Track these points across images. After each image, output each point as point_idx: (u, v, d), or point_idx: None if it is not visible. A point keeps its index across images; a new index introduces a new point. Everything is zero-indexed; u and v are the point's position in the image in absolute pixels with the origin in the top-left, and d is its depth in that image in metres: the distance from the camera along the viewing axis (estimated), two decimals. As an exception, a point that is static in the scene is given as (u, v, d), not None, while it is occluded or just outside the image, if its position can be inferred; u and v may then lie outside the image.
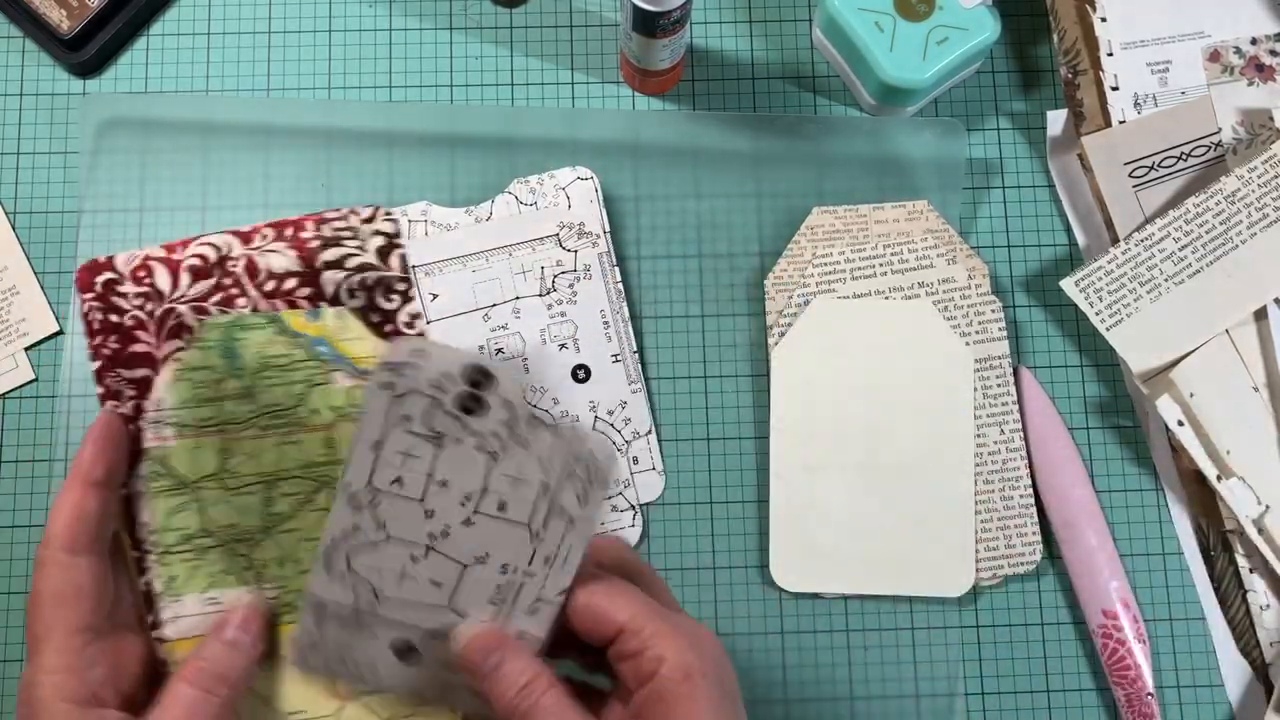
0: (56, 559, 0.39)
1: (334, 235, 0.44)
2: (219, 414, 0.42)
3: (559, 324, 0.58)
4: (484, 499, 0.39)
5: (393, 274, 0.45)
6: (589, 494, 0.39)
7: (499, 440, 0.38)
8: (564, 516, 0.39)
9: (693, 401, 0.58)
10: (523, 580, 0.39)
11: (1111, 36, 0.60)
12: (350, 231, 0.45)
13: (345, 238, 0.45)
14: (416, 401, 0.37)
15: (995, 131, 0.61)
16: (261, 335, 0.42)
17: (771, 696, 0.56)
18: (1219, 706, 0.56)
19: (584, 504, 0.39)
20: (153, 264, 0.44)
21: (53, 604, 0.39)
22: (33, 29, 0.60)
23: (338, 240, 0.45)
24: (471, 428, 0.38)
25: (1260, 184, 0.56)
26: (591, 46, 0.62)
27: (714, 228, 0.60)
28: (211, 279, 0.43)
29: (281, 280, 0.44)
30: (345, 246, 0.45)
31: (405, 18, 0.62)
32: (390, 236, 0.45)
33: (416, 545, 0.39)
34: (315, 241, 0.44)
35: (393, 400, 0.37)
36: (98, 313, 0.44)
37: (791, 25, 0.62)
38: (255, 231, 0.44)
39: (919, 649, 0.56)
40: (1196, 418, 0.55)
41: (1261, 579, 0.56)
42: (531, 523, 0.39)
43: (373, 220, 0.45)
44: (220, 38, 0.62)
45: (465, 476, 0.38)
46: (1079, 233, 0.60)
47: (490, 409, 0.38)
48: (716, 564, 0.57)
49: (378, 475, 0.38)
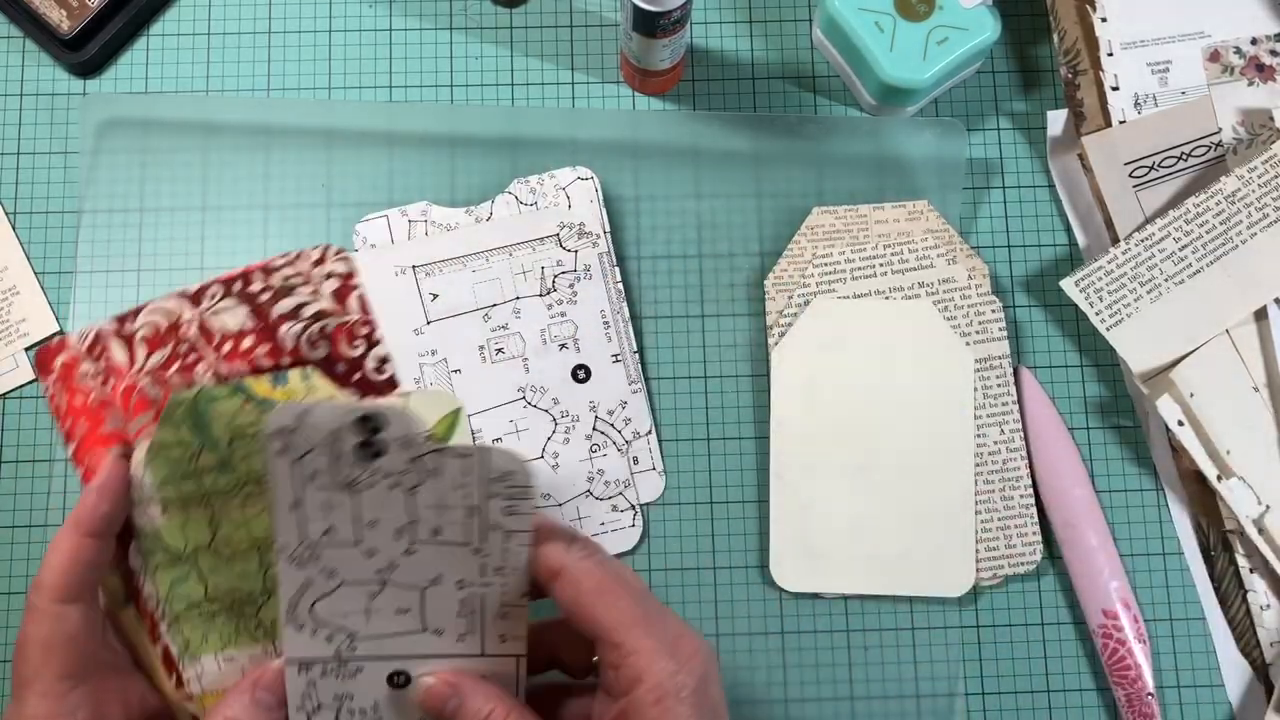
0: (48, 608, 0.39)
1: (285, 284, 0.41)
2: (201, 487, 0.41)
3: (559, 324, 0.58)
4: (416, 529, 0.39)
5: (353, 318, 0.42)
6: (516, 505, 0.39)
7: (410, 476, 0.38)
8: (499, 530, 0.39)
9: (693, 401, 0.58)
10: (482, 591, 0.40)
11: (1111, 36, 0.60)
12: (301, 277, 0.41)
13: (297, 284, 0.41)
14: (317, 458, 0.37)
15: (995, 131, 0.61)
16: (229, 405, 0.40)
17: (771, 696, 0.56)
18: (1219, 706, 0.56)
19: (515, 514, 0.39)
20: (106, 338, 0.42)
21: (41, 651, 0.39)
22: (33, 29, 0.60)
23: (289, 289, 0.41)
24: (381, 470, 0.38)
25: (1260, 184, 0.56)
26: (591, 46, 0.62)
27: (714, 228, 0.60)
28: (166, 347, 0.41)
29: (238, 340, 0.41)
30: (298, 295, 0.41)
31: (405, 18, 0.62)
32: (344, 277, 0.42)
33: (370, 582, 0.40)
34: (266, 294, 0.41)
35: (292, 464, 0.37)
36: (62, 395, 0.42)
37: (791, 25, 0.62)
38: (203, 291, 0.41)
39: (919, 649, 0.56)
40: (1196, 418, 0.55)
41: (1261, 579, 0.56)
42: (469, 541, 0.39)
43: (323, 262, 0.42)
44: (220, 38, 0.62)
45: (391, 513, 0.39)
46: (1079, 233, 0.60)
47: (390, 450, 0.38)
48: (717, 564, 0.57)
49: (309, 530, 0.39)
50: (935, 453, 0.56)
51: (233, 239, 0.59)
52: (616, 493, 0.57)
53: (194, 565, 0.42)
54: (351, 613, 0.40)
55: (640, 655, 0.37)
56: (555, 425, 0.57)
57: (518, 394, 0.57)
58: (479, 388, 0.57)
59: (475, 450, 0.38)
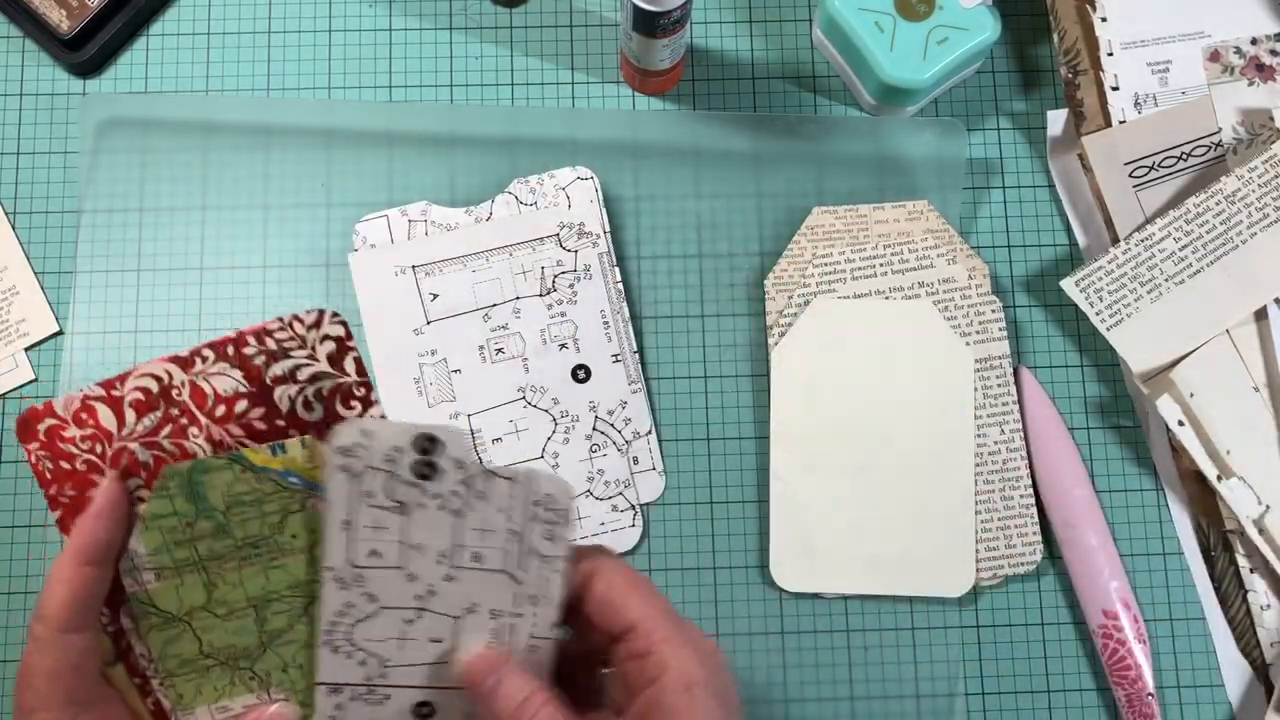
0: (53, 639, 0.39)
1: (280, 348, 0.41)
2: (196, 553, 0.41)
3: (559, 324, 0.58)
4: (458, 554, 0.40)
5: (349, 379, 0.42)
6: (555, 531, 0.40)
7: (459, 498, 0.39)
8: (537, 555, 0.40)
9: (693, 401, 0.58)
10: (513, 621, 0.41)
11: (1111, 36, 0.60)
12: (296, 340, 0.41)
13: (292, 348, 0.41)
14: (374, 477, 0.39)
15: (995, 131, 0.61)
16: (225, 476, 0.40)
17: (771, 697, 0.56)
18: (1219, 706, 0.56)
19: (554, 541, 0.40)
20: (93, 404, 0.41)
21: (47, 680, 0.39)
22: (33, 29, 0.60)
23: (285, 352, 0.41)
24: (431, 491, 0.39)
25: (1260, 184, 0.56)
26: (591, 46, 0.62)
27: (714, 228, 0.60)
28: (158, 411, 0.41)
29: (231, 403, 0.41)
30: (294, 357, 0.41)
31: (405, 18, 0.62)
32: (340, 340, 0.41)
33: (407, 609, 0.41)
34: (261, 357, 0.41)
35: (351, 480, 0.39)
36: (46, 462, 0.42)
37: (791, 25, 0.62)
38: (195, 355, 0.41)
39: (919, 649, 0.56)
40: (1196, 418, 0.55)
41: (1261, 579, 0.56)
42: (507, 568, 0.40)
43: (319, 325, 0.41)
44: (220, 38, 0.62)
45: (436, 537, 0.40)
46: (1079, 233, 0.60)
47: (444, 471, 0.39)
48: (717, 564, 0.57)
49: (354, 552, 0.39)
50: (935, 453, 0.56)
51: (233, 239, 0.59)
52: (616, 493, 0.57)
53: (188, 625, 0.42)
54: (387, 639, 0.41)
55: (670, 645, 0.38)
56: (555, 425, 0.57)
57: (518, 394, 0.57)
58: (479, 388, 0.57)
59: (522, 473, 0.40)
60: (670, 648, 0.39)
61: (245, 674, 0.43)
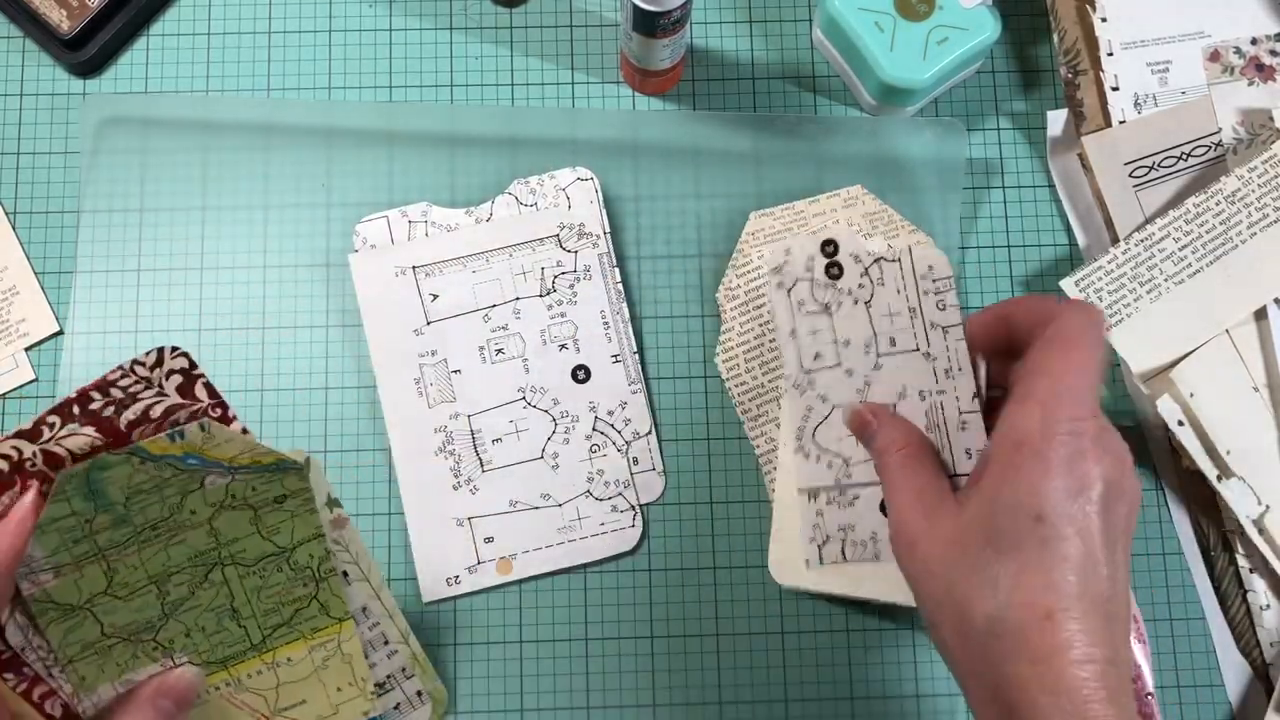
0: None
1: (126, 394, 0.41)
2: (96, 545, 0.42)
3: (559, 324, 0.58)
4: (878, 342, 0.47)
5: (203, 404, 0.42)
6: (945, 300, 0.46)
7: (864, 289, 0.46)
8: (937, 328, 0.46)
9: (693, 401, 0.58)
10: (940, 399, 0.46)
11: (1111, 36, 0.60)
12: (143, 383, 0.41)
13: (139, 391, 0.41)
14: (802, 288, 0.46)
15: (995, 131, 0.61)
16: (124, 470, 0.40)
17: (771, 697, 0.56)
18: (1219, 706, 0.56)
19: (945, 309, 0.46)
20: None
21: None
22: (33, 29, 0.60)
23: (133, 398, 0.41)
24: (842, 289, 0.46)
25: (1260, 184, 0.56)
26: (591, 46, 0.62)
27: (714, 228, 0.60)
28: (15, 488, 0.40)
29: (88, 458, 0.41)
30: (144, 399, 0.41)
31: (405, 18, 0.62)
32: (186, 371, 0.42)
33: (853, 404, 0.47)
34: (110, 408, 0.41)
35: (786, 294, 0.47)
36: None
37: (791, 25, 0.62)
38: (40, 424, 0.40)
39: (919, 649, 0.56)
40: (1196, 418, 0.55)
41: (1261, 579, 0.56)
42: (919, 345, 0.46)
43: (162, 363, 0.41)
44: (220, 38, 0.62)
45: (857, 330, 0.47)
46: (1079, 233, 0.60)
47: (846, 268, 0.46)
48: (717, 564, 0.57)
49: (804, 358, 0.47)
50: None
51: (233, 239, 0.59)
52: (616, 493, 0.57)
53: (89, 612, 0.42)
54: (844, 437, 0.48)
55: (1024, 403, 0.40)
56: (555, 425, 0.57)
57: (518, 394, 0.57)
58: (479, 388, 0.57)
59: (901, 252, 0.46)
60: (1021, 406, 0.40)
61: (148, 645, 0.44)
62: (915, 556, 0.42)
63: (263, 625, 0.46)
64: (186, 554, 0.43)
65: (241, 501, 0.44)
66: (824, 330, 0.47)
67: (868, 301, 0.46)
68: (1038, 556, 0.39)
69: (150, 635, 0.44)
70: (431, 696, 0.52)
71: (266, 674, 0.46)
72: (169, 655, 0.44)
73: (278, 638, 0.46)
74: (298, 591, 0.46)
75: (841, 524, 0.48)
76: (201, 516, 0.43)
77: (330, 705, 0.48)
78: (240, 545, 0.44)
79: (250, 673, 0.46)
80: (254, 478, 0.44)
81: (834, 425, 0.47)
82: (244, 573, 0.45)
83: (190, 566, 0.44)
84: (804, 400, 0.47)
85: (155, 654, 0.44)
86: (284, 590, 0.46)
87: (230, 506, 0.44)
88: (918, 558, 0.42)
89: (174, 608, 0.44)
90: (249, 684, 0.46)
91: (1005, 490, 0.40)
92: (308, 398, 0.58)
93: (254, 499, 0.44)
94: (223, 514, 0.43)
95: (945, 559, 0.41)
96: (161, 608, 0.44)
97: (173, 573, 0.43)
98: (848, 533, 0.48)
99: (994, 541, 0.39)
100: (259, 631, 0.46)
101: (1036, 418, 0.39)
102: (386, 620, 0.52)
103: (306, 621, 0.47)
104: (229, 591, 0.45)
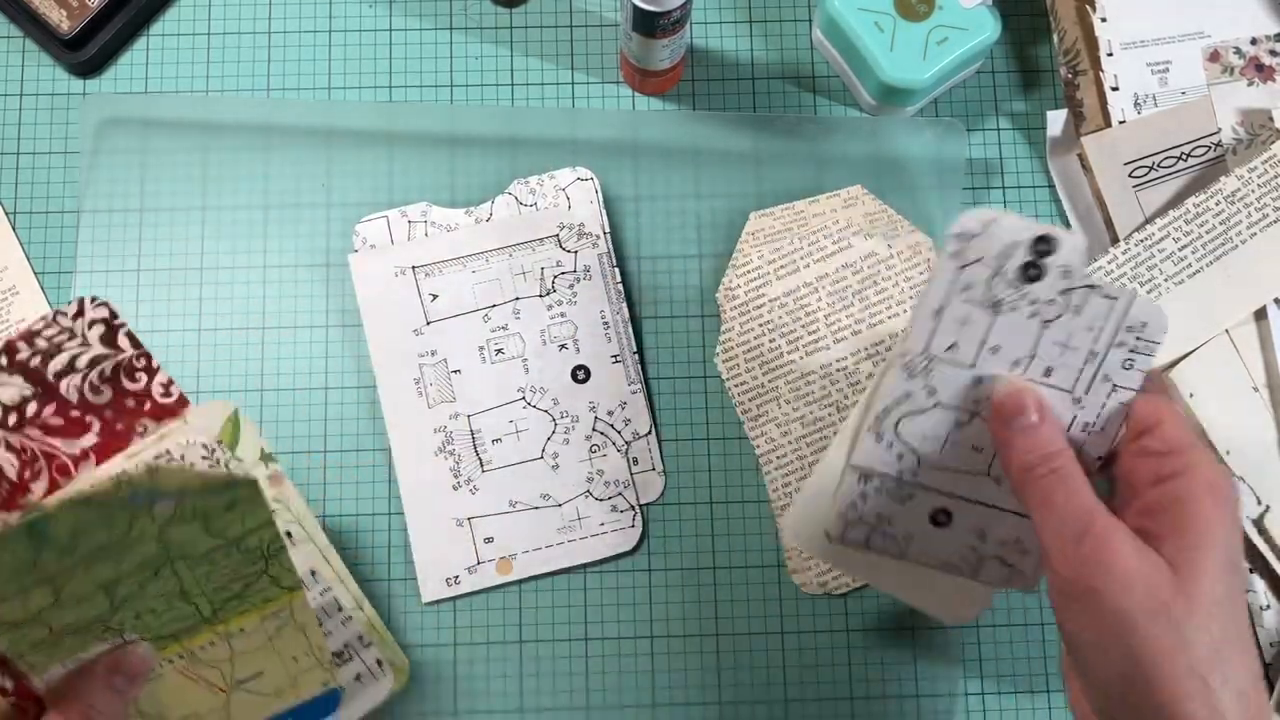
0: None
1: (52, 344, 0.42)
2: (44, 572, 0.41)
3: (559, 324, 0.58)
4: (1032, 364, 0.41)
5: (128, 353, 0.43)
6: (1136, 361, 0.40)
7: (1054, 307, 0.40)
8: (1108, 383, 0.40)
9: (693, 401, 0.58)
10: None
11: (1111, 36, 0.60)
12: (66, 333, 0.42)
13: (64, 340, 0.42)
14: (979, 271, 0.40)
15: (995, 131, 0.61)
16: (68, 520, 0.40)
17: (772, 697, 0.56)
18: (1219, 706, 0.56)
19: (1130, 371, 0.40)
20: None
21: None
22: (33, 29, 0.60)
23: (58, 347, 0.42)
24: (1029, 295, 0.40)
25: (1260, 184, 0.56)
26: (591, 46, 0.62)
27: (714, 228, 0.60)
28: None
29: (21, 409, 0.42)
30: (68, 349, 0.42)
31: (405, 18, 0.62)
32: (108, 321, 0.42)
33: (962, 411, 0.42)
34: (36, 358, 0.41)
35: (958, 270, 0.40)
36: None
37: (791, 25, 0.62)
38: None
39: (919, 649, 0.56)
40: (1196, 418, 0.55)
41: (1261, 579, 0.56)
42: (1075, 389, 0.41)
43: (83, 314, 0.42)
44: (220, 38, 0.62)
45: (1016, 342, 0.40)
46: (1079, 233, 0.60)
47: (1048, 275, 0.39)
48: (716, 564, 0.57)
49: (935, 342, 0.41)
50: None
51: (233, 239, 0.59)
52: (616, 493, 0.57)
53: (37, 619, 0.42)
54: (931, 438, 0.42)
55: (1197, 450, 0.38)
56: (555, 425, 0.57)
57: (518, 394, 0.57)
58: (479, 388, 0.57)
59: (1131, 293, 0.40)
60: (1197, 453, 0.38)
61: (97, 629, 0.43)
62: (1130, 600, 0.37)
63: (213, 600, 0.45)
64: (135, 561, 0.43)
65: (191, 515, 0.43)
66: (977, 325, 0.40)
67: (1048, 321, 0.40)
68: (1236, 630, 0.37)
69: (100, 626, 0.43)
70: (392, 665, 0.51)
71: (220, 645, 0.46)
72: (119, 635, 0.44)
73: (229, 609, 0.46)
74: (247, 569, 0.45)
75: (881, 513, 0.44)
76: (150, 533, 0.42)
77: (288, 676, 0.48)
78: (190, 545, 0.44)
79: (203, 644, 0.46)
80: (205, 496, 0.43)
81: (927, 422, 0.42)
82: (193, 564, 0.44)
83: (139, 571, 0.43)
84: (909, 385, 0.42)
85: (106, 635, 0.44)
86: (235, 570, 0.45)
87: (180, 520, 0.43)
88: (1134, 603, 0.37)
89: (123, 601, 0.43)
90: (202, 656, 0.46)
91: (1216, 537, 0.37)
92: (307, 398, 0.58)
93: (204, 509, 0.43)
94: (172, 527, 0.43)
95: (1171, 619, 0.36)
96: (110, 603, 0.43)
97: (123, 578, 0.43)
98: (883, 524, 0.44)
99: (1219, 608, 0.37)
100: (209, 606, 0.45)
101: None
102: (339, 585, 0.52)
103: (258, 594, 0.46)
104: (178, 579, 0.44)
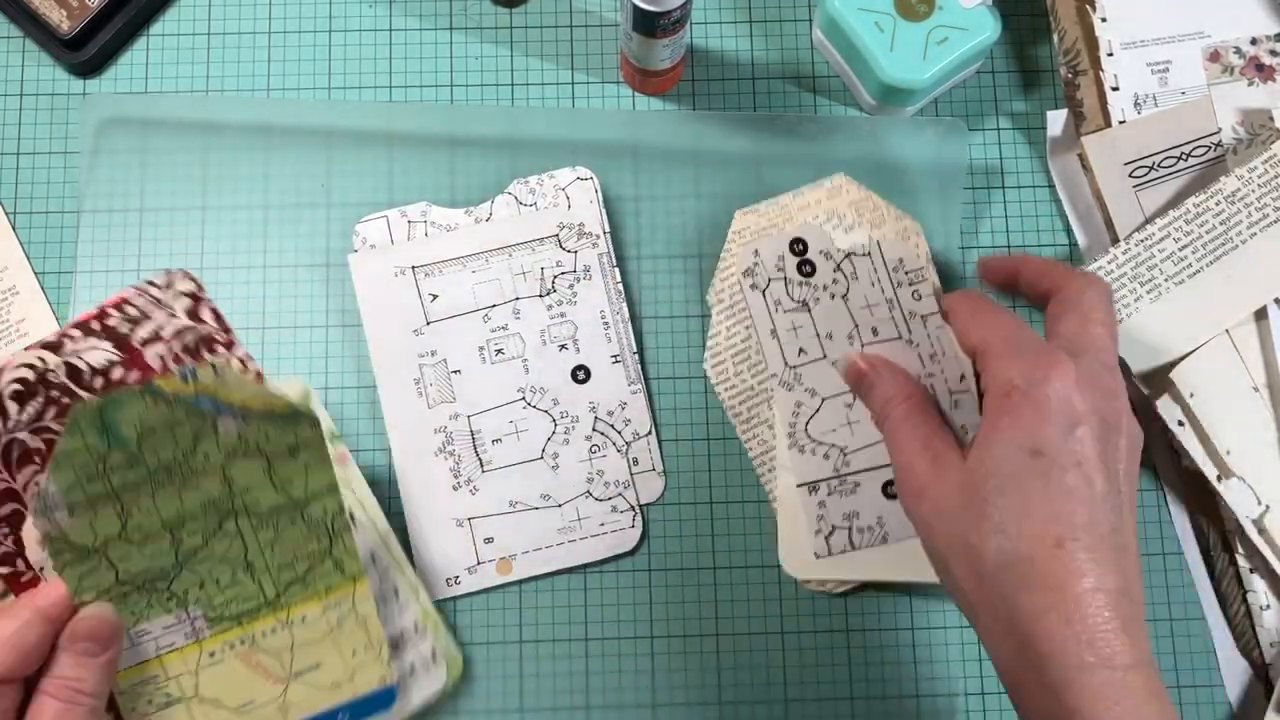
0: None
1: (140, 313, 0.44)
2: (109, 485, 0.42)
3: (559, 324, 0.58)
4: (860, 332, 0.48)
5: (210, 328, 0.45)
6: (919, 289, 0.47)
7: (839, 284, 0.47)
8: (916, 316, 0.47)
9: (693, 401, 0.58)
10: (929, 383, 0.47)
11: (1111, 36, 0.60)
12: (155, 303, 0.44)
13: (152, 309, 0.44)
14: (776, 286, 0.48)
15: (995, 131, 0.61)
16: (137, 407, 0.42)
17: (772, 697, 0.56)
18: (1219, 706, 0.56)
19: (920, 298, 0.47)
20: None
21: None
22: (33, 29, 0.60)
23: (146, 315, 0.44)
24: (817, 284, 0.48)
25: (1260, 184, 0.56)
26: (591, 46, 0.62)
27: (714, 228, 0.60)
28: (39, 397, 0.43)
29: (108, 373, 0.44)
30: (155, 319, 0.44)
31: (405, 18, 0.62)
32: (193, 294, 0.45)
33: (843, 394, 0.49)
34: (126, 325, 0.44)
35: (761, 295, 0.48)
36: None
37: (791, 25, 0.62)
38: (63, 337, 0.43)
39: (919, 649, 0.56)
40: (1196, 418, 0.55)
41: (1261, 579, 0.56)
42: (901, 333, 0.47)
43: (171, 285, 0.45)
44: (220, 38, 0.62)
45: (839, 322, 0.48)
46: (1079, 233, 0.60)
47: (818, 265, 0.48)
48: (717, 564, 0.57)
49: (787, 354, 0.48)
50: None
51: (233, 239, 0.59)
52: (616, 493, 0.57)
53: (103, 555, 0.43)
54: (837, 427, 0.49)
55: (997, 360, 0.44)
56: (555, 426, 0.57)
57: (518, 394, 0.57)
58: (479, 388, 0.57)
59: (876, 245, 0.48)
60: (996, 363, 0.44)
61: (163, 595, 0.44)
62: (924, 504, 0.44)
63: (277, 580, 0.46)
64: (200, 500, 0.44)
65: (255, 450, 0.44)
66: (805, 325, 0.48)
67: (844, 295, 0.48)
68: (1041, 489, 0.41)
69: (165, 584, 0.44)
70: (446, 659, 0.51)
71: (281, 633, 0.46)
72: (183, 608, 0.44)
73: (292, 594, 0.46)
74: (311, 546, 0.46)
75: (846, 512, 0.49)
76: (215, 462, 0.44)
77: (346, 670, 0.48)
78: (254, 495, 0.45)
79: (265, 630, 0.46)
80: (267, 425, 0.44)
81: (826, 417, 0.48)
82: (257, 524, 0.45)
83: (204, 515, 0.44)
84: (793, 396, 0.48)
85: (170, 604, 0.44)
86: (298, 545, 0.46)
87: (243, 454, 0.44)
88: (926, 506, 0.44)
89: (188, 556, 0.44)
90: (263, 643, 0.46)
91: (1002, 433, 0.42)
92: (308, 398, 0.58)
93: (267, 447, 0.45)
94: (236, 461, 0.44)
95: (954, 504, 0.43)
96: (175, 555, 0.44)
97: (187, 520, 0.44)
98: (853, 520, 0.48)
99: (998, 482, 0.41)
100: (273, 586, 0.46)
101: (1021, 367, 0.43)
102: (396, 570, 0.52)
103: (321, 579, 0.47)
104: (243, 543, 0.45)
